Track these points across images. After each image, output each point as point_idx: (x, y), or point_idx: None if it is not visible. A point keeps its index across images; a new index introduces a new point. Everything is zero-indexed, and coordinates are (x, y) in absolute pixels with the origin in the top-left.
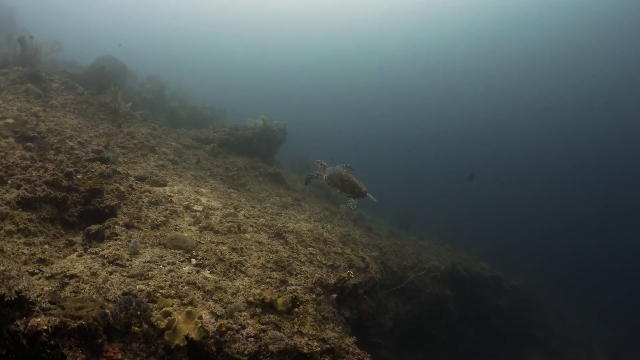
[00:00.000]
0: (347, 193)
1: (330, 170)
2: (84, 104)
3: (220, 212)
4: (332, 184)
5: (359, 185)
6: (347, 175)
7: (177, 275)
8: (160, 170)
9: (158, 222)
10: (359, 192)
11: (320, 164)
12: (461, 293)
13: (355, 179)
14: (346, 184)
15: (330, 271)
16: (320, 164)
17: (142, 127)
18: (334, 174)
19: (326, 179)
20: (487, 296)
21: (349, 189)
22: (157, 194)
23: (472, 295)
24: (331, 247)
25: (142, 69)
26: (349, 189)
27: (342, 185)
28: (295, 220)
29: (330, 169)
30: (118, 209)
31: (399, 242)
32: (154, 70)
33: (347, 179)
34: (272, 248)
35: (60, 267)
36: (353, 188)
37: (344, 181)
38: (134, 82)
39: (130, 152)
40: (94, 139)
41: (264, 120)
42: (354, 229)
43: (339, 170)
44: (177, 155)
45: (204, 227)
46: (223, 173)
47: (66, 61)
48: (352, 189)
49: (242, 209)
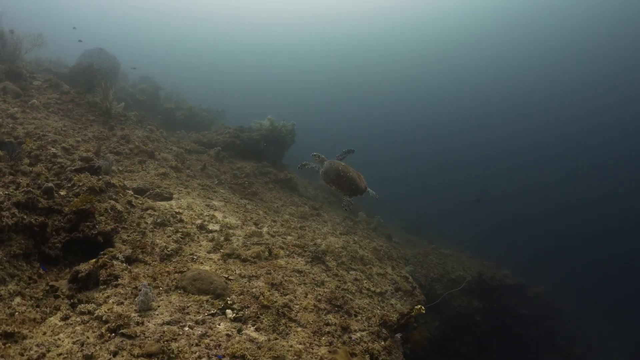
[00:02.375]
0: (343, 190)
1: (327, 163)
2: (70, 103)
3: (241, 230)
4: (328, 180)
5: (357, 180)
6: (345, 169)
7: (215, 343)
8: (162, 180)
9: (169, 251)
10: (356, 189)
11: (318, 157)
12: (488, 303)
13: (354, 173)
14: (342, 179)
15: (381, 300)
16: (318, 157)
17: (138, 130)
18: (330, 168)
19: (322, 174)
20: (511, 305)
21: (346, 186)
22: (163, 211)
23: (498, 305)
24: (372, 268)
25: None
26: (345, 185)
27: (337, 180)
28: (322, 235)
29: (327, 163)
30: (115, 235)
31: (422, 250)
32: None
33: (344, 173)
34: (316, 278)
35: (35, 348)
36: (350, 185)
37: (340, 176)
38: (126, 83)
39: (126, 158)
40: (81, 144)
41: (270, 121)
42: (379, 240)
43: (336, 164)
44: (180, 161)
45: (228, 255)
46: (232, 181)
47: (52, 59)
48: (349, 186)
49: (263, 224)
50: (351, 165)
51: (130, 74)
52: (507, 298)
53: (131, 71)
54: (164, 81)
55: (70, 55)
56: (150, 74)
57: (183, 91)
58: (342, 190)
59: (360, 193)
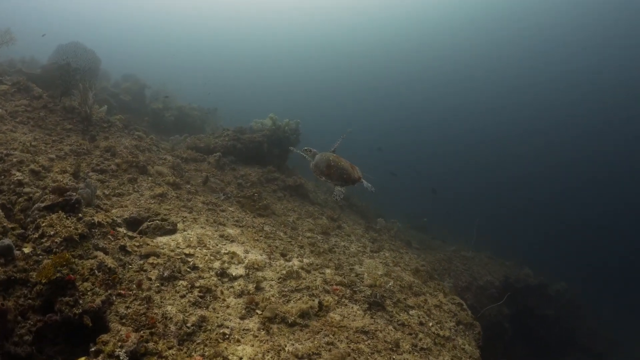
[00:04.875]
0: (334, 180)
1: (318, 157)
2: (43, 110)
3: (272, 270)
4: (318, 172)
5: (349, 170)
6: (336, 159)
7: None
8: (160, 204)
9: (189, 328)
10: (348, 179)
11: (309, 152)
12: (514, 307)
13: (347, 164)
14: (332, 169)
15: (453, 347)
16: (309, 152)
17: (125, 138)
18: (320, 160)
19: (312, 167)
20: (534, 306)
21: (336, 175)
22: (169, 256)
23: (523, 307)
24: (425, 299)
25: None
26: (336, 175)
27: (327, 171)
28: (353, 255)
29: (318, 156)
30: (109, 310)
31: (444, 255)
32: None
33: (335, 163)
34: (387, 337)
35: None
36: (341, 174)
37: (331, 167)
38: (108, 82)
39: (113, 177)
40: (56, 162)
41: (273, 120)
42: (408, 254)
43: (327, 155)
44: (178, 174)
45: (269, 319)
46: (238, 193)
47: (25, 60)
48: (340, 175)
49: (290, 252)
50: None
51: (112, 73)
52: (531, 299)
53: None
54: (150, 79)
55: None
56: (133, 72)
57: (171, 88)
58: (333, 180)
59: (353, 183)
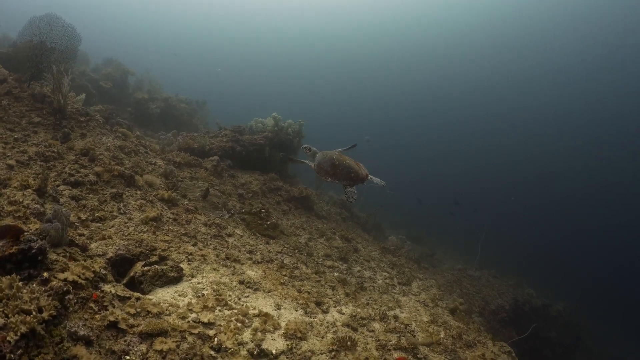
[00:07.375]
0: (341, 181)
1: (319, 156)
2: (6, 97)
3: (317, 337)
4: (323, 173)
5: (356, 168)
6: (340, 158)
7: None
8: (155, 233)
9: None
10: (356, 177)
11: (309, 150)
12: (522, 332)
13: (351, 161)
14: (339, 168)
15: None
16: (309, 150)
17: (106, 136)
18: (323, 159)
19: (315, 168)
20: (539, 328)
21: (343, 175)
22: (180, 328)
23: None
24: (484, 354)
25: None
26: (342, 174)
27: (333, 171)
28: (389, 296)
29: (319, 155)
30: None
31: (453, 277)
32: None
33: (340, 162)
34: None
35: None
36: (348, 172)
37: (336, 166)
38: (87, 66)
39: (91, 192)
40: (16, 171)
41: (275, 120)
42: (424, 274)
43: (329, 154)
44: (172, 185)
45: None
46: (242, 208)
47: None
48: (347, 174)
49: (325, 299)
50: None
51: (92, 56)
52: (536, 321)
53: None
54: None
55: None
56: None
57: (156, 75)
58: (340, 181)
59: (362, 181)
